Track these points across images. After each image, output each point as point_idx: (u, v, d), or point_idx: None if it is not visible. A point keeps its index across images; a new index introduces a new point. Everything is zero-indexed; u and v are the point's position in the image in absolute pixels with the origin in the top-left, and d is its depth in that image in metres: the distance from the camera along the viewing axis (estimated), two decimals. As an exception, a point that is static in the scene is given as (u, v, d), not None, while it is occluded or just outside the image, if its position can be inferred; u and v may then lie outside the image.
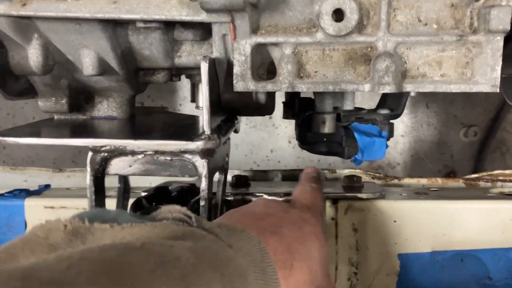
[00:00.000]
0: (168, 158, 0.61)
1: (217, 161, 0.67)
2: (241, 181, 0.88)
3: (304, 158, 1.63)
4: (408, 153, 1.65)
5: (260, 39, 0.59)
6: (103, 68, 0.69)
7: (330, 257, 0.79)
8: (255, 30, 0.59)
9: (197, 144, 0.58)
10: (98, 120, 0.77)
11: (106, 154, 0.61)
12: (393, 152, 1.66)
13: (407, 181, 0.98)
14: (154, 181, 0.88)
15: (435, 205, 0.78)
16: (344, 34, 0.57)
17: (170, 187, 0.78)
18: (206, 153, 0.60)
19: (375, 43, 0.58)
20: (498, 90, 0.57)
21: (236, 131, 0.85)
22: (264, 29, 0.60)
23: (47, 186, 0.95)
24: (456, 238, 0.78)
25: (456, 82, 0.58)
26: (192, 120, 0.79)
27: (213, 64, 0.61)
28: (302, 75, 0.60)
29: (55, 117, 0.78)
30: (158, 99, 1.60)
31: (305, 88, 0.60)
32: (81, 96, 0.78)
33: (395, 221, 0.78)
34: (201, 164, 0.60)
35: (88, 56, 0.68)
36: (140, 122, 0.79)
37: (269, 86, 0.61)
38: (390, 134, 0.91)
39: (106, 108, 0.79)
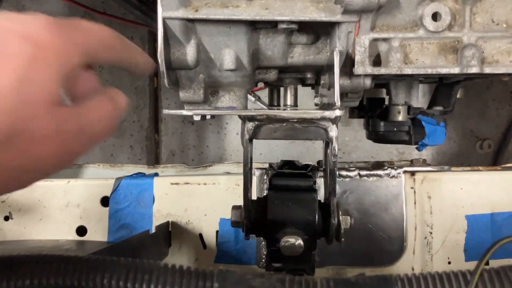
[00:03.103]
0: (306, 125, 0.80)
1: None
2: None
3: (340, 169, 1.82)
4: (431, 164, 1.85)
5: (375, 35, 0.80)
6: (237, 65, 0.89)
7: (410, 219, 0.97)
8: (372, 28, 0.80)
9: (334, 112, 0.77)
10: (223, 109, 0.95)
11: (258, 122, 0.79)
12: (418, 163, 1.86)
13: (454, 169, 1.18)
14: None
15: (494, 175, 0.98)
16: (440, 31, 0.78)
17: (277, 163, 0.96)
18: (334, 121, 0.79)
19: (461, 38, 0.79)
20: (553, 71, 0.78)
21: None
22: (378, 27, 0.80)
23: (156, 174, 1.11)
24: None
25: (521, 66, 0.79)
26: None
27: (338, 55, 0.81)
28: (407, 62, 0.81)
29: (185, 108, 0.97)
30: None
31: (410, 71, 0.80)
32: (209, 90, 0.96)
33: (461, 188, 0.97)
34: (333, 129, 0.79)
35: (229, 54, 0.87)
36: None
37: (382, 70, 0.81)
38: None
39: (228, 100, 0.97)
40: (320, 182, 0.96)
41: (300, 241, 0.76)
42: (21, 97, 0.33)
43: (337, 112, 0.77)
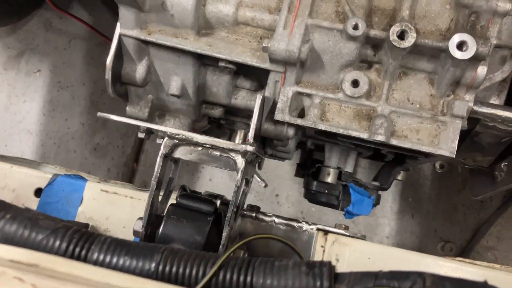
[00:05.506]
0: (218, 153, 0.86)
1: (248, 171, 0.91)
2: (254, 209, 1.11)
3: (299, 237, 1.84)
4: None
5: (299, 89, 0.88)
6: (183, 92, 0.97)
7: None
8: (297, 82, 0.88)
9: (243, 146, 0.83)
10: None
11: (177, 141, 0.86)
12: (377, 250, 1.86)
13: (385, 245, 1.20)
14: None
15: (405, 254, 1.00)
16: (357, 97, 0.85)
17: (202, 193, 1.01)
18: (244, 155, 0.85)
19: (376, 108, 0.86)
20: (454, 156, 0.83)
21: (259, 167, 1.10)
22: (304, 83, 0.88)
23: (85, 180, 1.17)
24: (414, 282, 0.97)
25: (427, 145, 0.85)
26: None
27: (264, 99, 0.88)
28: (323, 119, 0.87)
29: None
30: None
31: (323, 127, 0.86)
32: (156, 112, 1.04)
33: (369, 258, 0.99)
34: (241, 162, 0.84)
35: (175, 81, 0.96)
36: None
37: (299, 121, 0.87)
38: (377, 201, 1.15)
39: (172, 125, 1.05)
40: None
41: (181, 256, 0.79)
42: None
43: (248, 147, 0.84)
